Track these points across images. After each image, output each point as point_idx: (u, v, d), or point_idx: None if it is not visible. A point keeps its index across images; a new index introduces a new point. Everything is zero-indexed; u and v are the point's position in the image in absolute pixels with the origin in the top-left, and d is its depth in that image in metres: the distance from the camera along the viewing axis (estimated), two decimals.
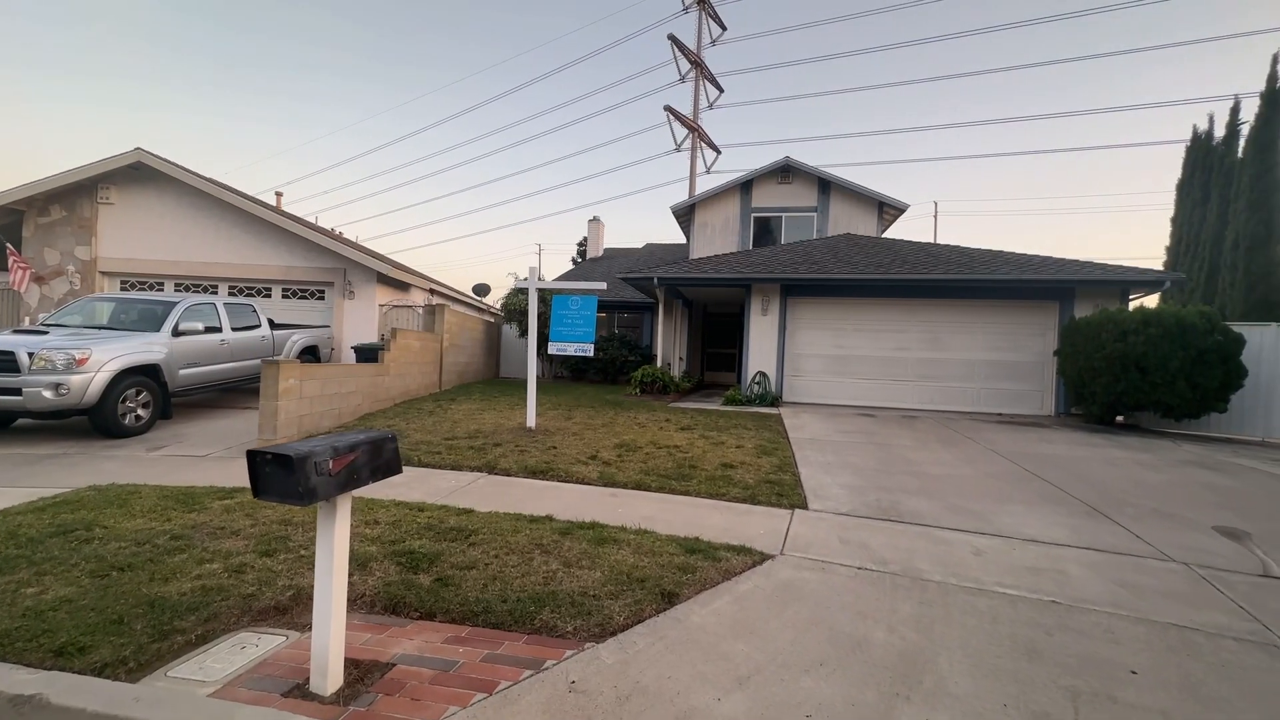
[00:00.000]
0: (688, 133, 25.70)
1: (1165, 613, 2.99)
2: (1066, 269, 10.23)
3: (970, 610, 3.00)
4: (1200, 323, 8.13)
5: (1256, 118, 14.61)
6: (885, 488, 5.33)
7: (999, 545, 3.94)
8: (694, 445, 6.84)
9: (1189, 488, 5.50)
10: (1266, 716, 2.18)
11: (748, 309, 11.66)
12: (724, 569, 3.34)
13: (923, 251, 11.99)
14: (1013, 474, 5.92)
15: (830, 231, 15.33)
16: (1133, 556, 3.77)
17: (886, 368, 11.28)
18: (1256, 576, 3.49)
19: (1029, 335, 10.68)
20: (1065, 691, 2.32)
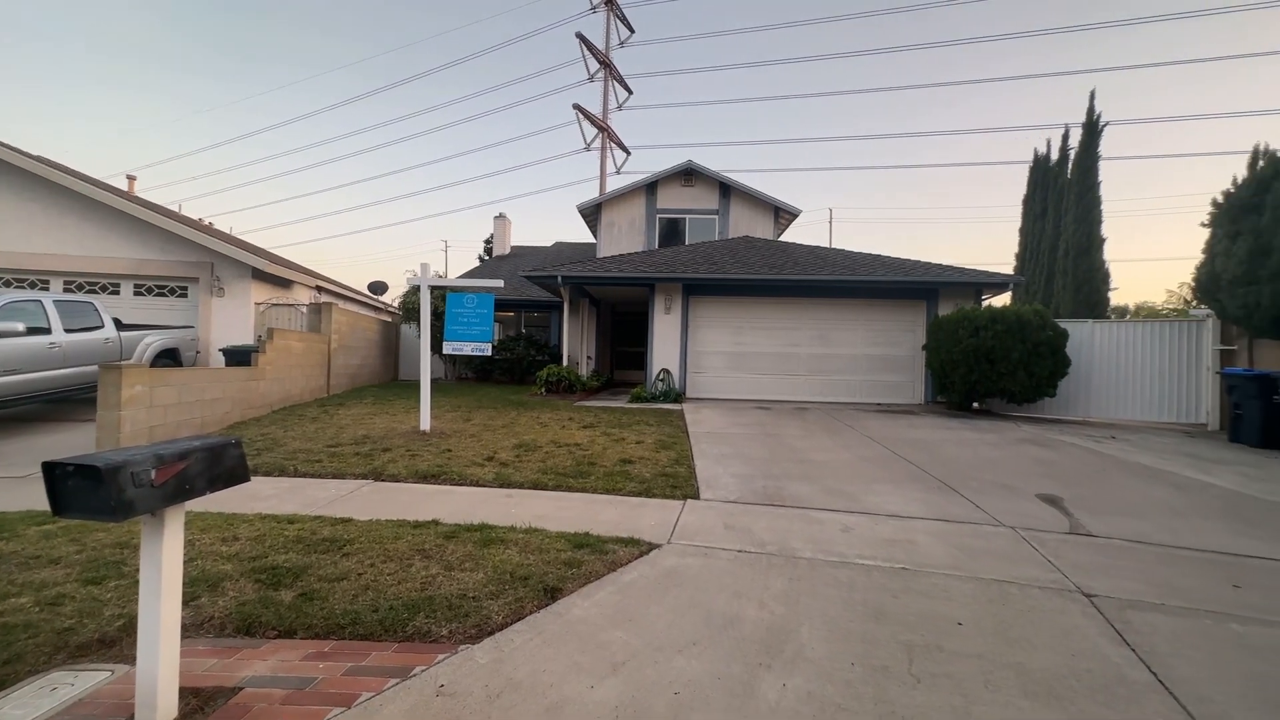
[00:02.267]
0: (597, 132, 25.77)
1: (990, 570, 3.42)
2: (931, 272, 11.41)
3: (833, 582, 3.27)
4: (1035, 319, 9.38)
5: (1079, 144, 17.07)
6: (772, 475, 5.66)
7: (864, 522, 4.32)
8: (595, 443, 6.89)
9: (1022, 462, 6.33)
10: (1053, 647, 2.57)
11: (652, 308, 11.90)
12: (610, 561, 3.40)
13: (813, 254, 12.85)
14: (883, 457, 6.51)
15: (731, 234, 16.00)
16: (971, 524, 4.28)
17: (781, 363, 11.97)
18: (1063, 534, 4.09)
19: (903, 331, 11.79)
20: (903, 646, 2.60)
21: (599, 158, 25.58)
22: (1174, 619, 2.86)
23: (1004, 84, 56.37)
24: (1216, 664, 2.48)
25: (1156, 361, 10.01)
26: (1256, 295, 7.80)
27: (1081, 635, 2.70)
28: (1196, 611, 2.93)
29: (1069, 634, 2.71)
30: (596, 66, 25.79)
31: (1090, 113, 16.97)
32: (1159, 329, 10.21)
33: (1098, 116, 16.84)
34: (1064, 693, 2.27)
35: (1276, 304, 7.49)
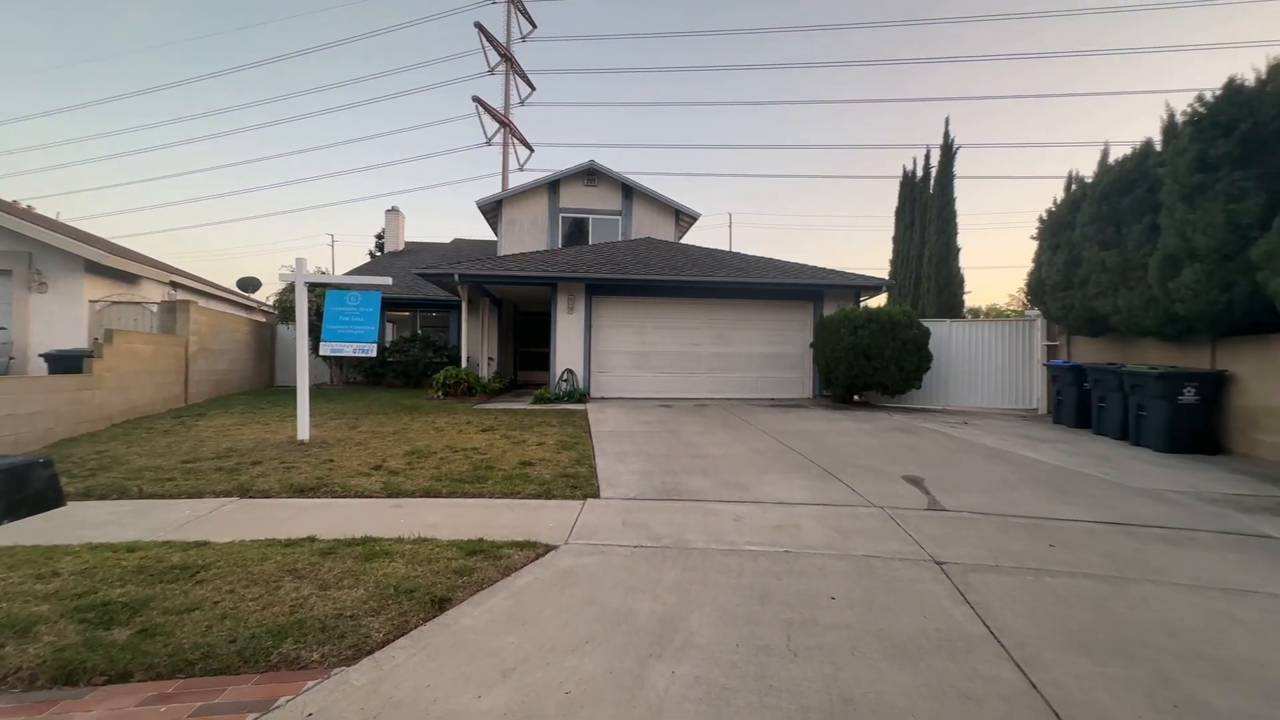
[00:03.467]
0: (499, 127, 25.02)
1: (861, 547, 3.75)
2: (817, 275, 12.30)
3: (723, 569, 3.42)
4: (903, 319, 10.40)
5: (939, 164, 19.18)
6: (671, 471, 5.82)
7: (754, 511, 4.57)
8: (494, 446, 6.69)
9: (892, 448, 7.00)
10: (910, 611, 2.87)
11: (555, 308, 11.78)
12: (504, 566, 3.32)
13: (711, 257, 13.36)
14: (774, 449, 6.91)
15: (634, 235, 16.23)
16: (848, 506, 4.66)
17: (683, 362, 12.34)
18: (923, 510, 4.58)
19: (794, 330, 12.59)
20: (783, 623, 2.78)
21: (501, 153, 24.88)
22: (1005, 578, 3.30)
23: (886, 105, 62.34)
24: (1034, 613, 2.89)
25: (999, 356, 11.50)
26: (1071, 299, 9.21)
27: (932, 599, 3.04)
28: (1021, 570, 3.41)
29: (923, 599, 3.04)
30: (497, 59, 25.04)
31: (946, 136, 19.12)
32: (1001, 328, 11.75)
33: (952, 140, 19.02)
34: (916, 651, 2.54)
35: (1086, 306, 8.90)
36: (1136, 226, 7.75)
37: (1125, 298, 7.92)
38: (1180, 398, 6.98)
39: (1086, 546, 3.79)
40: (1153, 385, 7.14)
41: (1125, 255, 7.90)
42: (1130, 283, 7.84)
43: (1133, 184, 7.88)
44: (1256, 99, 6.12)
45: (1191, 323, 7.02)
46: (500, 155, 24.77)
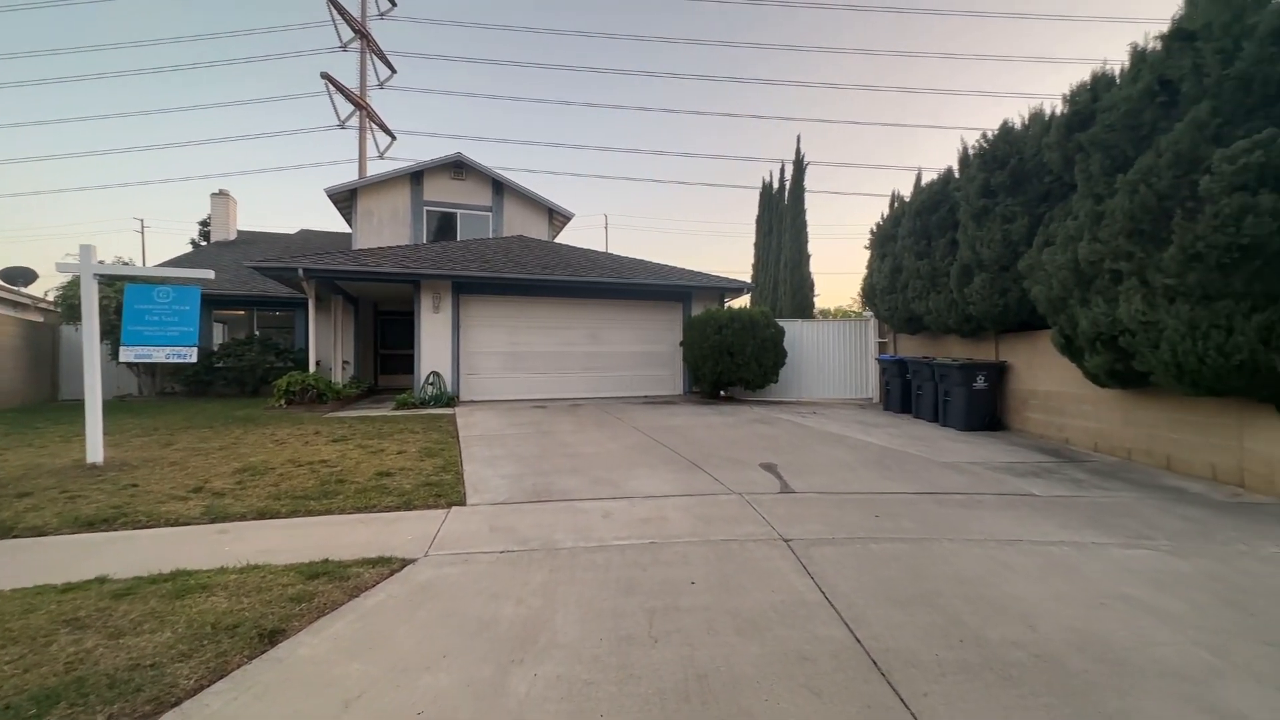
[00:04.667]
0: (354, 109, 22.90)
1: (721, 533, 4.00)
2: (685, 277, 12.89)
3: (590, 566, 3.44)
4: (762, 319, 11.26)
5: (792, 177, 21.05)
6: (543, 472, 5.74)
7: (624, 506, 4.66)
8: (347, 457, 6.12)
9: (752, 439, 7.55)
10: (760, 588, 3.11)
11: (419, 306, 11.06)
12: (353, 587, 3.05)
13: (585, 257, 13.40)
14: (645, 444, 7.11)
15: (505, 232, 15.78)
16: (710, 495, 4.94)
17: (558, 362, 12.24)
18: (776, 494, 4.99)
19: (665, 329, 13.06)
20: (646, 612, 2.87)
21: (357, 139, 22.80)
22: (839, 548, 3.71)
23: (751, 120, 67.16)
24: (860, 577, 3.28)
25: (842, 352, 12.92)
26: (895, 301, 10.63)
27: (779, 574, 3.32)
28: (853, 540, 3.85)
29: (771, 575, 3.31)
30: (350, 35, 22.91)
31: (798, 153, 21.08)
32: (843, 327, 13.20)
33: (803, 156, 21.02)
34: (764, 624, 2.76)
35: (906, 308, 10.32)
36: (942, 240, 9.14)
37: (934, 300, 9.31)
38: (974, 384, 8.36)
39: (903, 515, 4.39)
40: (955, 375, 8.47)
41: (934, 264, 9.28)
42: (938, 288, 9.22)
43: (938, 204, 9.28)
44: (1022, 139, 7.52)
45: (981, 322, 8.44)
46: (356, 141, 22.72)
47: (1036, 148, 7.16)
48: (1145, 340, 5.13)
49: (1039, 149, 7.07)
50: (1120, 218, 5.27)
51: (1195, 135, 4.73)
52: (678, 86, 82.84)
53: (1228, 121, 4.58)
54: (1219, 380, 4.71)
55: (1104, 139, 5.59)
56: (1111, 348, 5.58)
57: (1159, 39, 5.40)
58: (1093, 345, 5.77)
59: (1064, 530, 4.08)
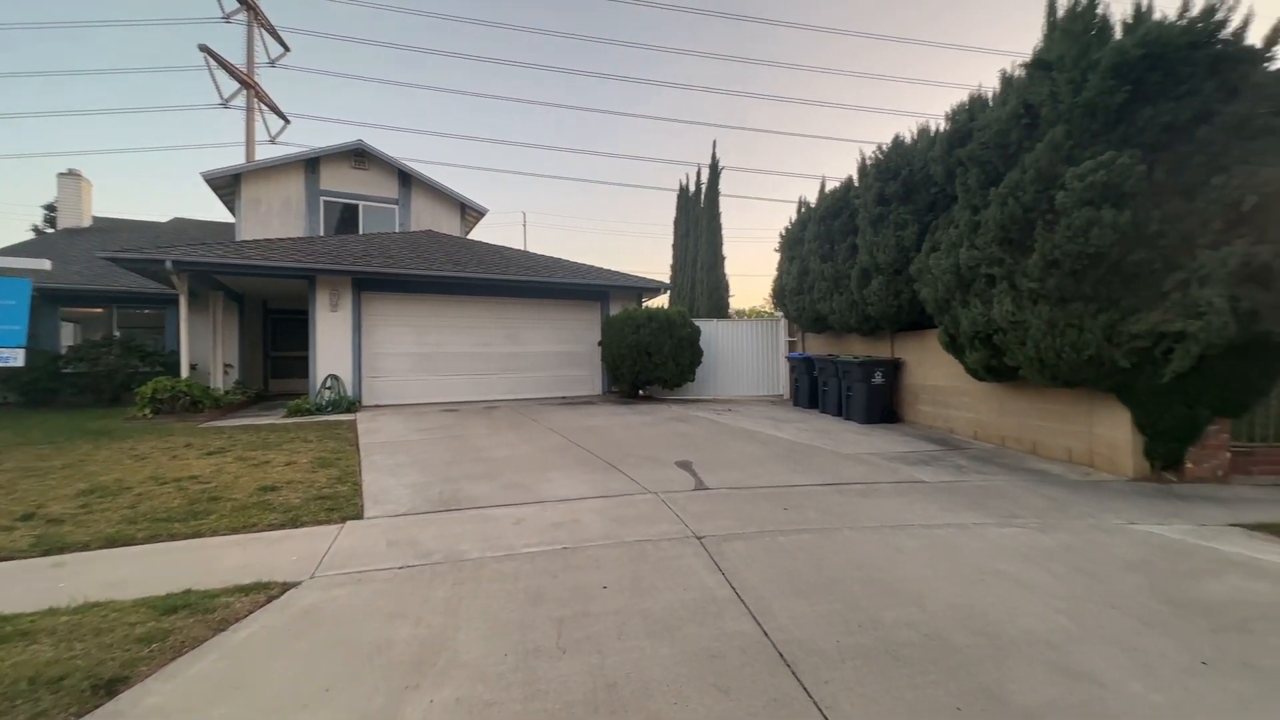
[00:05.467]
0: (240, 88, 20.77)
1: (635, 534, 3.95)
2: (603, 276, 12.83)
3: (498, 577, 3.27)
4: (678, 318, 11.42)
5: (708, 181, 21.60)
6: (451, 479, 5.44)
7: (536, 511, 4.50)
8: (224, 471, 5.49)
9: (669, 437, 7.61)
10: (672, 587, 3.10)
11: (314, 305, 10.19)
12: (219, 619, 2.70)
13: (499, 254, 12.98)
14: (561, 446, 6.96)
15: (413, 227, 14.96)
16: (626, 496, 4.89)
17: (472, 363, 11.75)
18: (690, 491, 5.03)
19: (583, 329, 12.92)
20: (555, 622, 2.75)
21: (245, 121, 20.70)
22: (749, 542, 3.78)
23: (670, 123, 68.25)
24: (769, 570, 3.36)
25: (755, 350, 13.39)
26: (803, 302, 11.17)
27: (691, 572, 3.33)
28: (762, 533, 3.95)
29: (683, 574, 3.30)
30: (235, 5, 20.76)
31: (713, 157, 21.68)
32: (756, 326, 13.69)
33: (718, 161, 21.64)
34: (675, 624, 2.74)
35: (813, 308, 10.87)
36: (843, 245, 9.71)
37: (838, 301, 9.86)
38: (873, 380, 8.94)
39: (809, 506, 4.57)
40: (856, 371, 9.02)
41: (837, 267, 9.83)
42: (841, 289, 9.78)
43: (840, 210, 9.84)
44: (911, 152, 8.13)
45: (879, 322, 9.05)
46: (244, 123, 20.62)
47: (924, 161, 7.77)
48: (1015, 338, 5.70)
49: (926, 162, 7.67)
50: (993, 227, 5.81)
51: (1052, 155, 5.30)
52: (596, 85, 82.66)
53: (1078, 144, 5.17)
54: (1073, 373, 5.31)
55: (979, 155, 6.15)
56: (987, 344, 6.15)
57: (1024, 67, 6.01)
58: (972, 342, 6.34)
59: (948, 513, 4.42)
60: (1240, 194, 4.68)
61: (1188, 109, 4.81)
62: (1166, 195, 4.89)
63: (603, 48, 78.12)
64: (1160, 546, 3.76)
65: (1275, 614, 2.84)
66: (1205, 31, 4.90)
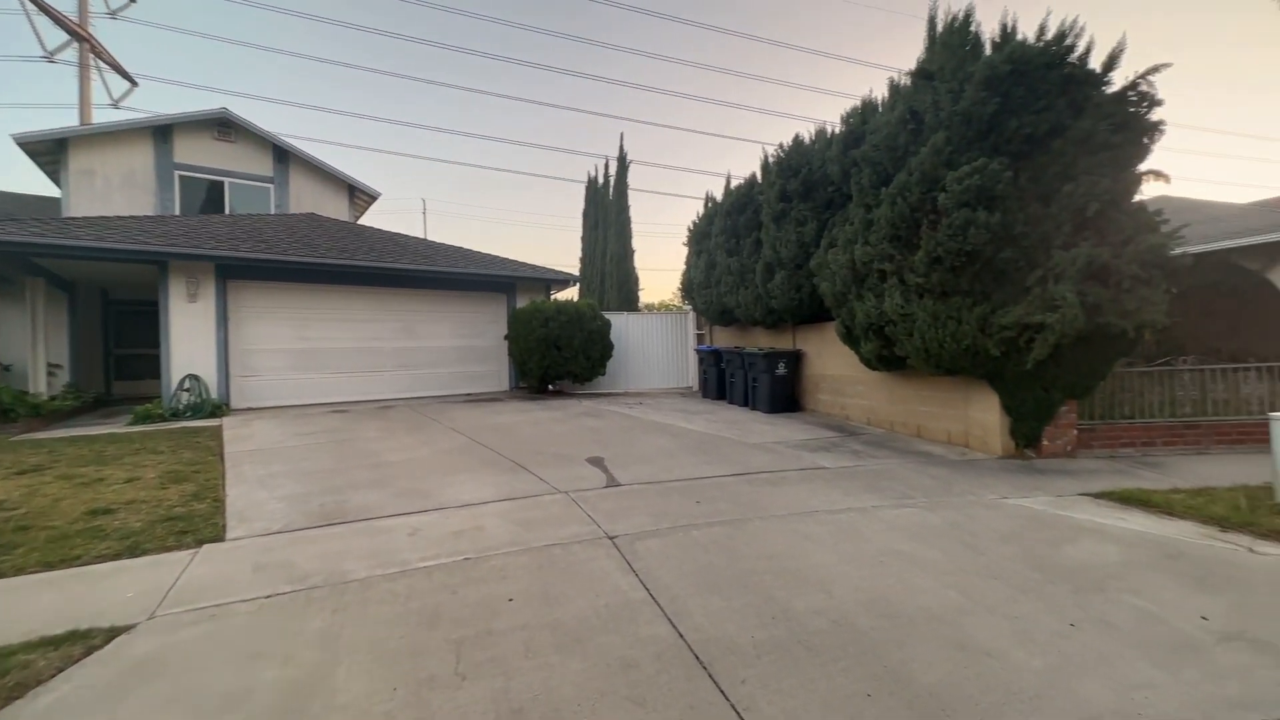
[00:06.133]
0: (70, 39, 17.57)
1: (543, 537, 3.73)
2: (509, 267, 12.30)
3: (388, 598, 2.93)
4: (589, 311, 11.21)
5: (616, 174, 21.47)
6: (336, 488, 4.89)
7: (435, 519, 4.14)
8: (39, 494, 4.55)
9: (580, 433, 7.41)
10: (584, 594, 2.92)
11: (166, 295, 8.83)
12: (12, 685, 2.15)
13: (394, 242, 12.03)
14: (465, 447, 6.54)
15: (293, 209, 13.49)
16: (534, 497, 4.64)
17: (363, 359, 10.80)
18: (602, 489, 4.87)
19: (487, 323, 12.32)
20: (453, 645, 2.48)
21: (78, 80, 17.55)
22: (663, 539, 3.70)
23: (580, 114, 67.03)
24: (683, 567, 3.28)
25: (665, 344, 13.50)
26: (710, 295, 11.38)
27: (604, 575, 3.17)
28: (675, 529, 3.88)
29: (596, 578, 3.14)
30: None
31: (621, 150, 21.58)
32: (665, 319, 13.80)
33: (626, 154, 21.58)
34: (586, 634, 2.57)
35: (720, 301, 11.11)
36: (748, 240, 9.97)
37: (743, 295, 10.13)
38: (777, 371, 9.28)
39: (721, 498, 4.58)
40: (761, 363, 9.32)
41: (742, 261, 10.09)
42: (746, 283, 10.05)
43: (745, 206, 10.10)
44: (811, 152, 8.47)
45: (781, 315, 9.40)
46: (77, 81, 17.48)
47: (822, 161, 8.13)
48: (903, 329, 6.09)
49: (824, 162, 8.03)
50: (884, 225, 6.16)
51: (935, 159, 5.70)
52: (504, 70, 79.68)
53: (957, 149, 5.59)
54: (953, 361, 5.77)
55: (871, 156, 6.50)
56: (880, 336, 6.54)
57: (910, 76, 6.42)
58: (866, 334, 6.72)
59: (849, 498, 4.61)
60: (1085, 201, 5.29)
61: (1045, 122, 5.35)
62: (1028, 200, 5.43)
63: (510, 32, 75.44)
64: (1028, 518, 4.14)
65: (1123, 573, 3.19)
66: (1057, 54, 5.47)
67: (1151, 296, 5.20)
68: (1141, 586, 3.03)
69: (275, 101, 54.96)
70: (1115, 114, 5.35)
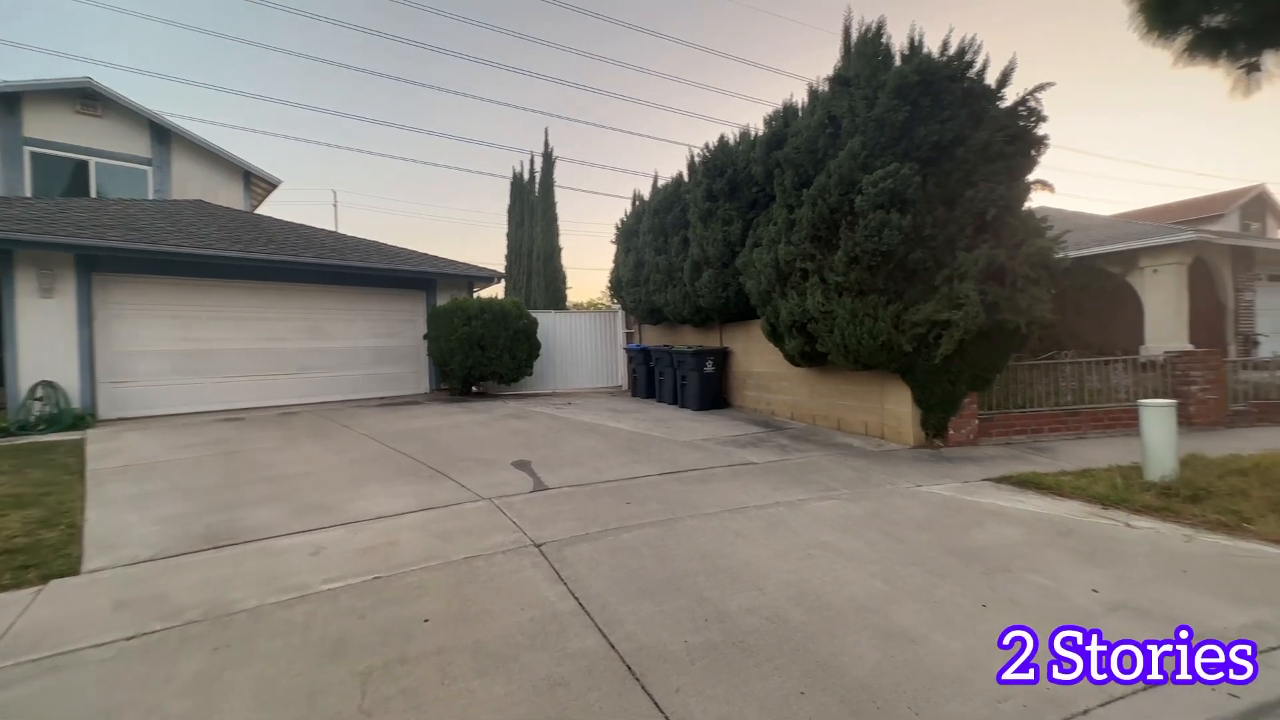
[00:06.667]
0: None
1: (465, 549, 3.48)
2: (428, 263, 11.67)
3: (283, 629, 2.59)
4: (514, 309, 10.84)
5: (542, 170, 21.02)
6: (225, 506, 4.36)
7: (342, 536, 3.77)
8: None
9: (505, 435, 7.10)
10: (507, 610, 2.73)
11: (10, 289, 7.59)
12: None
13: (295, 233, 11.07)
14: (379, 455, 6.07)
15: (176, 195, 12.10)
16: (455, 505, 4.35)
17: (262, 361, 9.85)
18: (529, 494, 4.65)
19: (404, 321, 11.62)
20: (358, 678, 2.22)
21: None
22: (593, 544, 3.55)
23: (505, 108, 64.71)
24: (614, 572, 3.16)
25: (594, 342, 13.32)
26: (639, 294, 11.34)
27: (530, 587, 2.98)
28: (605, 532, 3.75)
29: (521, 590, 2.95)
30: None
31: (546, 145, 21.14)
32: (594, 318, 13.63)
33: (552, 149, 21.17)
34: (510, 654, 2.38)
35: (649, 300, 11.09)
36: (676, 238, 10.01)
37: (672, 293, 10.16)
38: (705, 369, 9.38)
39: (651, 498, 4.50)
40: (690, 361, 9.38)
41: (670, 260, 10.12)
42: (674, 282, 10.09)
43: (673, 205, 10.13)
44: (735, 152, 8.61)
45: (709, 313, 9.50)
46: None
47: (746, 161, 8.28)
48: (825, 326, 6.30)
49: (748, 162, 8.17)
50: (805, 225, 6.34)
51: (851, 162, 5.92)
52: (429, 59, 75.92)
53: (872, 154, 5.84)
54: (870, 357, 6.03)
55: (793, 158, 6.67)
56: (803, 333, 6.73)
57: (828, 81, 6.64)
58: (790, 331, 6.90)
59: (777, 492, 4.67)
60: (985, 206, 5.68)
61: (949, 131, 5.69)
62: (935, 204, 5.76)
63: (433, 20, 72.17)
64: (940, 505, 4.37)
65: (1025, 553, 3.41)
66: (959, 69, 5.84)
67: (1041, 295, 5.68)
68: (1041, 565, 3.24)
69: (160, 76, 48.74)
70: (1009, 126, 5.79)
